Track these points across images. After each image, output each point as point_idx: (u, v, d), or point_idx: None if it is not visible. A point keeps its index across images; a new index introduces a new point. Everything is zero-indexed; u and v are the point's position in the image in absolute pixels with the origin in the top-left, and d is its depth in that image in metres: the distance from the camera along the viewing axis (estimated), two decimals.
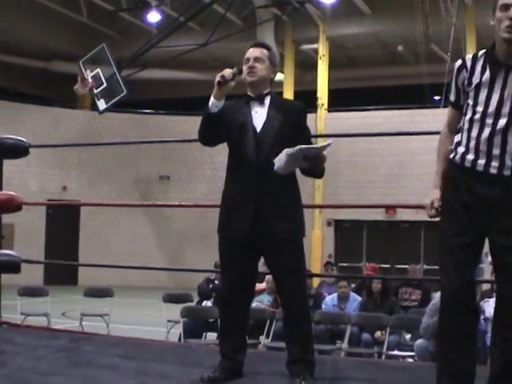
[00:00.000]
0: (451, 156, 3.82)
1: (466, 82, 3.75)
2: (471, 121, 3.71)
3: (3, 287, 7.19)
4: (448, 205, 3.79)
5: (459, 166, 3.76)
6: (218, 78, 4.32)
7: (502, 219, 3.66)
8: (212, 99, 4.37)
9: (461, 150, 3.76)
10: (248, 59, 4.51)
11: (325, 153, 4.30)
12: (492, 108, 3.63)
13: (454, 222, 3.76)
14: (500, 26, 3.60)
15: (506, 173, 3.64)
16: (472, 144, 3.71)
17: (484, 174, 3.68)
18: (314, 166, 4.35)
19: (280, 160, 4.14)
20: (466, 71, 3.75)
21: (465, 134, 3.76)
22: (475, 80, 3.70)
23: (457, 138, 3.83)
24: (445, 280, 3.74)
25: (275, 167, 4.16)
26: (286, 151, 4.11)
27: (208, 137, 4.55)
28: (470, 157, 3.71)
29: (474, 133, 3.70)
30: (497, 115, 3.62)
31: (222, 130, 4.45)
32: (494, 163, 3.65)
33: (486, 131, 3.65)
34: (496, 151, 3.64)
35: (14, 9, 23.20)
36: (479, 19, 22.36)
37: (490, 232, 3.73)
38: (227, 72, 4.34)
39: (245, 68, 4.50)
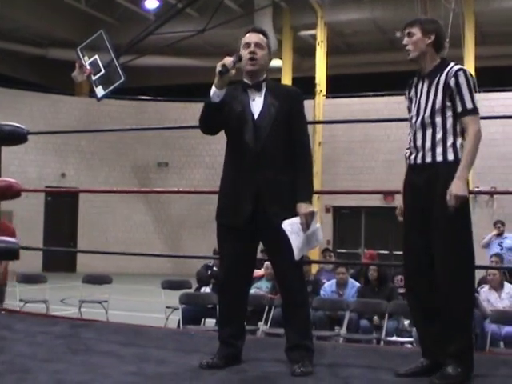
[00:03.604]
0: None
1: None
2: (410, 125, 4.42)
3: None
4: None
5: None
6: (218, 68, 4.30)
7: (427, 204, 4.18)
8: (213, 89, 4.36)
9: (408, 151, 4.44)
10: (248, 44, 4.48)
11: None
12: (414, 111, 4.36)
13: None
14: None
15: (428, 160, 4.22)
16: (410, 144, 4.39)
17: (414, 166, 4.32)
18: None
19: (298, 249, 4.31)
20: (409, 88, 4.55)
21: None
22: (410, 94, 4.52)
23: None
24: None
25: (296, 256, 4.32)
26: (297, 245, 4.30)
27: (210, 126, 4.55)
28: (408, 154, 4.41)
29: (411, 134, 4.39)
30: (417, 115, 4.31)
31: (222, 118, 4.45)
32: (419, 154, 4.28)
33: (413, 129, 4.35)
34: (418, 143, 4.28)
35: None
36: (478, 6, 22.36)
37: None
38: (228, 61, 4.32)
39: (246, 53, 4.47)
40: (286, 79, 24.13)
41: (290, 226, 4.28)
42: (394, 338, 8.90)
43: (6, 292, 9.43)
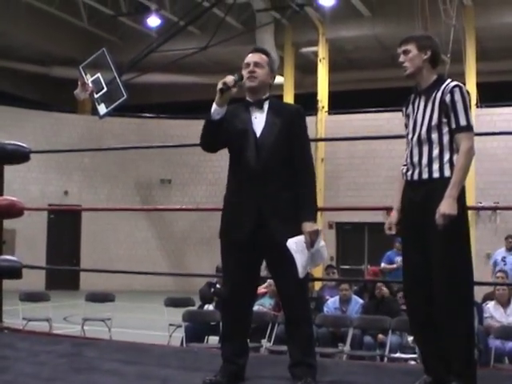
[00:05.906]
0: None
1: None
2: (407, 142, 4.42)
3: (5, 292, 7.19)
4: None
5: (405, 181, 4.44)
6: (220, 85, 4.33)
7: (425, 219, 4.17)
8: (214, 106, 4.38)
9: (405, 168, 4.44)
10: (248, 64, 4.53)
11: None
12: (411, 128, 4.36)
13: None
14: None
15: (425, 176, 4.24)
16: (407, 160, 4.39)
17: (411, 182, 4.33)
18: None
19: (303, 267, 4.30)
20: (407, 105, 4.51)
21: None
22: (407, 110, 4.48)
23: None
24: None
25: (301, 274, 4.31)
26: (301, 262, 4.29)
27: (210, 143, 4.57)
28: (405, 170, 4.40)
29: (407, 150, 4.39)
30: (413, 131, 4.32)
31: (222, 136, 4.46)
32: (416, 170, 4.29)
33: (409, 146, 4.36)
34: (415, 159, 4.28)
35: (14, 14, 23.20)
36: (479, 21, 22.39)
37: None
38: (229, 79, 4.35)
39: (245, 73, 4.51)
40: (288, 96, 24.18)
41: (295, 245, 4.28)
42: (398, 355, 8.85)
43: (9, 311, 9.40)
